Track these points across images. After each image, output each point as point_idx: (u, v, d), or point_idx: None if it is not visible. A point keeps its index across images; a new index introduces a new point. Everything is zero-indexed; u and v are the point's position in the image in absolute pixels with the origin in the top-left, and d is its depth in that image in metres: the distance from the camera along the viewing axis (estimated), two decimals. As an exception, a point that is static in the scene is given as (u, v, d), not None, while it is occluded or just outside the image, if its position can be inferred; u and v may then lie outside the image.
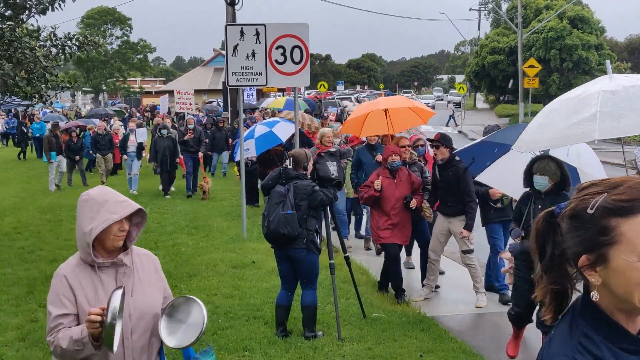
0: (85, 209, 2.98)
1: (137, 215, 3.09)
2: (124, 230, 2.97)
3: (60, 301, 2.95)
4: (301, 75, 10.01)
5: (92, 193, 3.01)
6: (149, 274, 3.14)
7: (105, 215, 2.89)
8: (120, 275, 3.01)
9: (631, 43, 72.25)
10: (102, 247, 2.99)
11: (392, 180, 7.59)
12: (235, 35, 9.91)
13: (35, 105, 27.56)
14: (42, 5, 10.01)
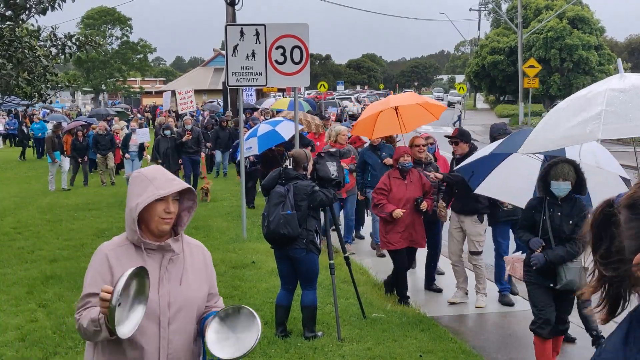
0: (135, 185, 2.82)
1: (188, 199, 2.92)
2: (170, 212, 2.78)
3: (94, 279, 2.78)
4: (301, 76, 10.00)
5: (144, 170, 2.87)
6: (197, 266, 2.97)
7: (153, 191, 2.74)
8: (166, 261, 2.84)
9: (631, 43, 72.27)
10: (148, 230, 2.83)
11: (402, 181, 7.41)
12: (235, 35, 9.91)
13: (35, 105, 27.51)
14: (42, 5, 10.01)
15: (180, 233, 2.90)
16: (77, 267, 9.11)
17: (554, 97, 42.77)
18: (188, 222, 2.93)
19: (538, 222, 5.38)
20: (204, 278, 2.98)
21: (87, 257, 9.59)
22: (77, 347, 6.12)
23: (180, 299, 2.83)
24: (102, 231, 11.61)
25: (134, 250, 2.82)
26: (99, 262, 2.81)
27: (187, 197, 2.91)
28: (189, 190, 2.87)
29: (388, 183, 7.44)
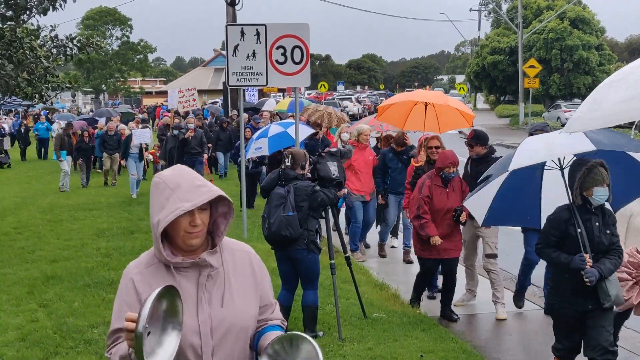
0: (156, 194, 2.35)
1: (223, 205, 2.47)
2: (197, 225, 2.33)
3: (120, 311, 2.35)
4: (301, 76, 10.00)
5: (165, 175, 2.38)
6: (243, 278, 2.50)
7: (175, 203, 2.28)
8: (203, 280, 2.38)
9: (631, 43, 72.29)
10: (176, 245, 2.40)
11: (443, 189, 6.90)
12: (235, 35, 9.91)
13: (35, 106, 27.53)
14: (43, 5, 10.02)
15: (217, 243, 2.46)
16: (77, 267, 9.11)
17: (554, 97, 42.78)
18: (226, 230, 2.49)
19: (574, 235, 4.71)
20: (253, 291, 2.52)
21: (87, 257, 9.64)
22: (77, 347, 6.12)
23: (225, 323, 2.39)
24: (103, 231, 11.61)
25: (165, 270, 2.39)
26: (124, 289, 2.40)
27: (221, 202, 2.47)
28: (222, 198, 2.42)
29: (430, 190, 6.90)
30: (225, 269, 2.46)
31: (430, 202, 6.86)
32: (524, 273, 7.31)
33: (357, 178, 9.50)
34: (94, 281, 8.33)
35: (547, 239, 4.87)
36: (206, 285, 2.39)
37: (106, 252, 9.99)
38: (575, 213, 4.73)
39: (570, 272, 4.72)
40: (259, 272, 2.60)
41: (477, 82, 50.73)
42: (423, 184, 6.96)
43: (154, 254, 2.43)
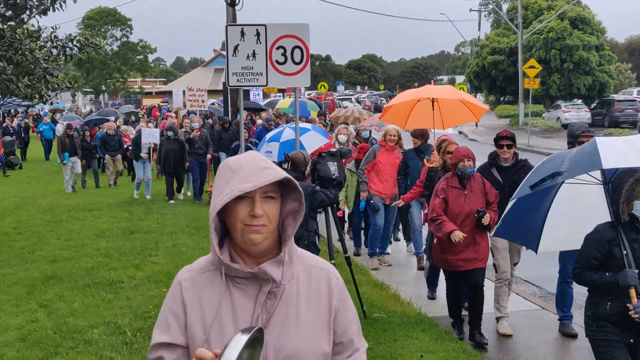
0: (218, 179, 2.00)
1: (293, 200, 2.02)
2: (257, 215, 1.89)
3: (166, 322, 1.98)
4: (302, 76, 10.00)
5: (231, 159, 2.03)
6: (316, 302, 2.00)
7: (235, 185, 1.89)
8: (262, 296, 1.93)
9: (631, 44, 72.28)
10: (237, 245, 1.97)
11: (461, 190, 6.17)
12: (235, 35, 9.91)
13: (35, 106, 27.50)
14: (43, 5, 10.02)
15: (283, 250, 1.98)
16: (77, 267, 9.12)
17: (554, 97, 42.76)
18: (294, 233, 2.01)
19: (618, 258, 4.07)
20: (326, 320, 2.00)
21: (87, 258, 9.65)
22: (77, 347, 6.13)
23: (282, 354, 1.92)
24: (103, 231, 11.62)
25: (219, 280, 1.96)
26: (172, 295, 2.01)
27: (292, 196, 2.02)
28: (292, 186, 1.99)
29: (446, 191, 6.23)
30: (293, 288, 1.98)
31: (446, 206, 6.16)
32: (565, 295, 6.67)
33: (379, 179, 9.09)
34: (94, 281, 8.33)
35: (587, 262, 4.17)
36: (266, 304, 1.93)
37: (106, 253, 9.99)
38: (621, 232, 4.10)
39: (613, 299, 4.07)
40: (339, 299, 2.05)
41: (477, 82, 50.70)
42: (438, 187, 6.33)
43: (211, 262, 2.02)
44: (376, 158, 9.02)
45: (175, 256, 9.70)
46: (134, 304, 7.41)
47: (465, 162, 6.10)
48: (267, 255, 1.97)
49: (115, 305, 7.37)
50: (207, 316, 1.93)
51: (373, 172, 9.07)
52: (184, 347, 1.95)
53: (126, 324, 6.73)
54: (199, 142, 14.83)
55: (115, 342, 6.23)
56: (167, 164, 14.54)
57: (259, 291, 1.94)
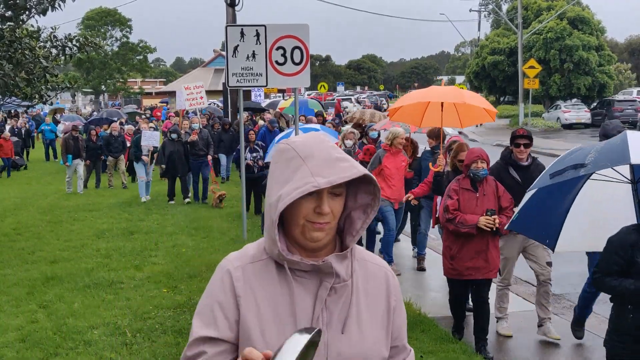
0: (281, 163, 1.77)
1: (365, 193, 1.83)
2: (323, 213, 1.71)
3: (211, 314, 1.77)
4: (301, 76, 10.01)
5: (295, 140, 1.79)
6: (375, 301, 1.86)
7: (306, 177, 1.69)
8: (324, 292, 1.76)
9: (631, 44, 72.27)
10: (292, 237, 1.78)
11: (473, 193, 5.88)
12: (235, 36, 9.92)
13: (35, 106, 27.46)
14: (42, 5, 10.02)
15: (350, 246, 1.83)
16: (77, 268, 9.11)
17: (554, 97, 42.78)
18: (364, 229, 1.84)
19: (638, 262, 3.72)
20: (385, 322, 1.88)
21: (87, 258, 9.65)
22: (77, 348, 6.12)
23: (344, 356, 1.78)
24: (102, 232, 11.61)
25: (275, 271, 1.78)
26: (219, 284, 1.80)
27: (363, 190, 1.83)
28: (367, 179, 1.79)
29: (456, 195, 5.94)
30: (355, 282, 1.82)
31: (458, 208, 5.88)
32: (586, 300, 6.31)
33: (387, 185, 8.76)
34: (94, 282, 8.33)
35: (608, 266, 3.85)
36: (327, 300, 1.77)
37: (106, 253, 9.99)
38: None
39: (636, 311, 3.76)
40: (395, 300, 1.91)
41: (477, 82, 50.71)
42: (450, 188, 6.02)
43: (264, 246, 1.82)
44: (382, 163, 8.80)
45: (175, 257, 9.70)
46: (134, 304, 7.40)
47: (479, 164, 5.80)
48: (323, 249, 1.79)
49: (115, 306, 7.36)
50: (263, 311, 1.74)
51: (380, 177, 8.76)
52: (231, 343, 1.75)
53: (126, 324, 6.72)
54: (200, 143, 14.66)
55: (115, 343, 6.22)
56: (171, 166, 14.39)
57: (319, 286, 1.77)
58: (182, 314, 7.01)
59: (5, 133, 22.04)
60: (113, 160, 17.40)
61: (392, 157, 8.88)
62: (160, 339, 6.29)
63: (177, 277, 8.55)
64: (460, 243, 5.89)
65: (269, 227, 1.74)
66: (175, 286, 8.13)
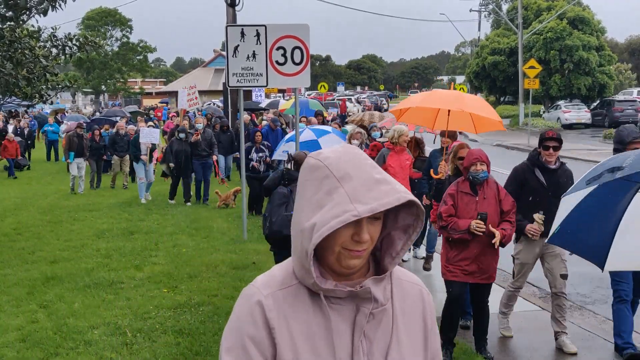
0: (312, 182, 1.60)
1: (406, 213, 1.68)
2: (362, 241, 1.56)
3: (244, 352, 1.61)
4: (302, 76, 10.01)
5: (328, 155, 1.61)
6: (413, 324, 1.74)
7: (344, 203, 1.52)
8: (362, 319, 1.62)
9: (631, 44, 72.27)
10: (325, 262, 1.64)
11: (472, 197, 5.67)
12: (235, 36, 9.92)
13: (35, 106, 27.43)
14: (43, 5, 10.02)
15: (390, 269, 1.69)
16: (77, 268, 9.11)
17: (554, 98, 42.80)
18: (405, 250, 1.70)
19: None
20: (423, 345, 1.76)
21: (87, 258, 9.65)
22: (77, 348, 6.12)
23: None
24: (103, 232, 11.62)
25: (308, 298, 1.63)
26: (248, 316, 1.63)
27: (404, 210, 1.68)
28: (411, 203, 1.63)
29: (455, 197, 5.74)
30: (393, 305, 1.69)
31: (455, 213, 5.69)
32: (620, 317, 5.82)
33: None
34: (94, 282, 8.33)
35: None
36: (365, 328, 1.62)
37: (106, 253, 9.99)
38: None
39: None
40: (431, 319, 1.78)
41: (477, 82, 50.75)
42: (447, 192, 5.85)
43: (294, 271, 1.66)
44: (386, 162, 8.66)
45: (175, 257, 9.70)
46: (134, 304, 7.40)
47: (478, 166, 5.58)
48: (356, 272, 1.65)
49: (115, 306, 7.36)
50: (299, 344, 1.59)
51: None
52: None
53: (126, 324, 6.72)
54: (203, 144, 14.56)
55: (115, 343, 6.23)
56: (178, 166, 14.26)
57: (356, 312, 1.62)
58: (183, 314, 7.01)
59: (9, 134, 22.00)
60: (118, 159, 17.17)
61: (397, 156, 8.81)
62: (161, 339, 6.30)
63: (178, 277, 8.55)
64: (456, 250, 5.75)
65: (301, 257, 1.59)
66: (176, 286, 8.13)
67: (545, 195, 5.85)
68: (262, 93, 31.65)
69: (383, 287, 1.66)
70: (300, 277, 1.63)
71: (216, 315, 6.90)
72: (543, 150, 6.01)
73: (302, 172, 1.64)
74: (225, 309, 7.07)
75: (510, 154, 25.67)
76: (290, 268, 1.68)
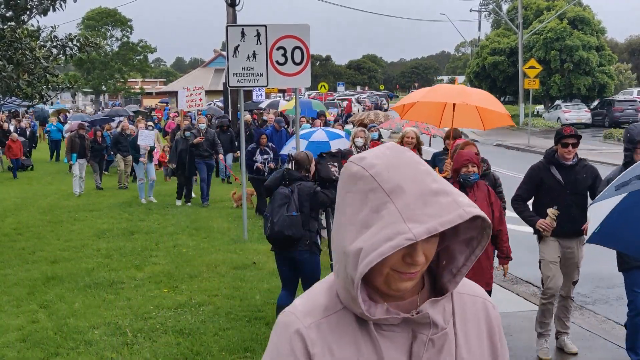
0: (354, 194, 1.36)
1: (470, 226, 1.43)
2: (416, 263, 1.33)
3: None
4: (302, 76, 10.01)
5: (373, 161, 1.36)
6: (478, 346, 1.50)
7: (396, 224, 1.29)
8: (419, 347, 1.41)
9: (631, 44, 72.27)
10: (372, 284, 1.40)
11: None
12: (236, 36, 9.92)
13: (36, 106, 27.41)
14: (43, 5, 10.03)
15: (450, 289, 1.46)
16: (77, 268, 9.12)
17: (554, 97, 42.80)
18: (469, 266, 1.45)
19: None
20: None
21: (87, 258, 9.66)
22: (78, 348, 6.13)
23: None
24: (103, 232, 11.62)
25: (356, 325, 1.40)
26: (287, 350, 1.41)
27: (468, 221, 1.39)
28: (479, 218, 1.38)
29: None
30: (454, 326, 1.46)
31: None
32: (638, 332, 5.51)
33: None
34: (95, 282, 8.33)
35: None
36: (424, 358, 1.41)
37: (106, 253, 9.99)
38: None
39: None
40: (500, 339, 1.54)
41: (477, 82, 50.70)
42: None
43: (337, 294, 1.43)
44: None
45: (176, 257, 9.70)
46: (135, 304, 7.41)
47: (470, 168, 5.43)
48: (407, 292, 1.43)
49: (115, 306, 7.37)
50: None
51: None
52: None
53: (127, 324, 6.73)
54: (205, 144, 14.40)
55: (115, 343, 6.23)
56: (182, 165, 14.17)
57: (412, 340, 1.40)
58: (183, 314, 7.02)
59: (12, 134, 21.98)
60: (121, 159, 17.03)
61: None
62: (161, 339, 6.30)
63: (178, 277, 8.56)
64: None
65: (346, 283, 1.36)
66: (176, 286, 8.14)
67: (563, 192, 5.74)
68: (262, 93, 31.65)
69: (442, 307, 1.43)
70: (346, 303, 1.41)
71: (216, 315, 6.91)
72: (561, 148, 5.81)
73: (343, 181, 1.40)
74: (225, 309, 7.07)
75: (510, 154, 25.69)
76: (333, 290, 1.44)
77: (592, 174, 5.82)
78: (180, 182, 14.58)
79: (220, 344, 6.11)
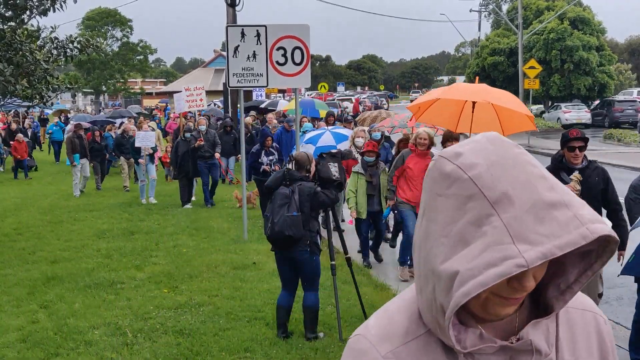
0: (447, 199, 1.11)
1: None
2: (526, 289, 1.09)
3: None
4: (302, 77, 10.02)
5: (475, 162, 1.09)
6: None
7: (503, 245, 1.04)
8: None
9: (631, 44, 72.27)
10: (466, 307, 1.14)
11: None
12: (236, 36, 9.92)
13: (36, 107, 27.44)
14: (43, 6, 10.03)
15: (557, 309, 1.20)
16: (78, 268, 9.12)
17: (554, 98, 42.79)
18: (582, 283, 1.19)
19: None
20: None
21: (88, 258, 9.66)
22: (78, 348, 6.13)
23: None
24: (103, 232, 11.62)
25: (441, 352, 1.18)
26: None
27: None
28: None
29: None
30: (559, 350, 1.22)
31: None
32: None
33: (408, 187, 8.35)
34: (95, 282, 8.33)
35: None
36: None
37: (107, 253, 9.99)
38: None
39: None
40: (613, 356, 1.30)
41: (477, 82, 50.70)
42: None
43: (418, 314, 1.21)
44: (405, 164, 8.34)
45: (176, 257, 9.70)
46: (135, 304, 7.41)
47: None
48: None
49: (115, 306, 7.37)
50: None
51: (402, 178, 8.40)
52: None
53: (127, 324, 6.73)
54: (206, 145, 14.26)
55: (115, 343, 6.23)
56: (183, 166, 14.06)
57: None
58: (183, 314, 7.02)
59: (18, 135, 21.96)
60: (125, 161, 16.83)
61: (418, 158, 8.36)
62: (161, 339, 6.30)
63: (178, 277, 8.56)
64: None
65: (431, 308, 1.13)
66: (176, 286, 8.13)
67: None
68: (262, 93, 31.68)
69: (545, 328, 1.19)
70: (431, 327, 1.17)
71: (217, 315, 6.91)
72: (568, 152, 5.58)
73: (433, 180, 1.14)
74: (225, 309, 7.07)
75: None
76: (414, 309, 1.21)
77: (603, 176, 5.65)
78: (183, 185, 14.33)
79: (220, 344, 6.11)
